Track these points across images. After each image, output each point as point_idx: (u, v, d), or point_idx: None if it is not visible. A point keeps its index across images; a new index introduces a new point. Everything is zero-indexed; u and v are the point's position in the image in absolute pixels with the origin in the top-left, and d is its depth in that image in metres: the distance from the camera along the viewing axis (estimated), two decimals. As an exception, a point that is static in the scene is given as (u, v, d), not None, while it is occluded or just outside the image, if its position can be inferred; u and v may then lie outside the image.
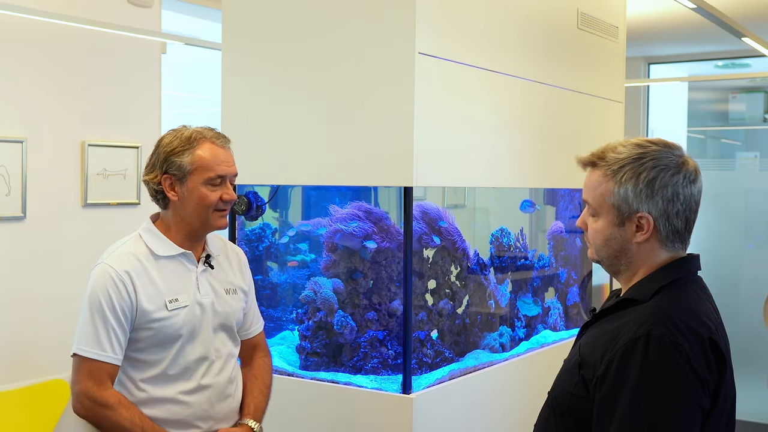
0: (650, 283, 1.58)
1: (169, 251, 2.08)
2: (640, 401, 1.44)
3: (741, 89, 6.98)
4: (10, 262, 3.59)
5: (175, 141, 2.07)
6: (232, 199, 2.11)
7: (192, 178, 2.05)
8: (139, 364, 2.06)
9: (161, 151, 2.08)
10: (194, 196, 2.06)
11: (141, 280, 2.03)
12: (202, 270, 2.13)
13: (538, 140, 3.16)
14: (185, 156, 2.05)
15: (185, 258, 2.11)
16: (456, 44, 2.64)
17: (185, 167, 2.05)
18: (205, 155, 2.06)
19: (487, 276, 3.13)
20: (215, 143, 2.09)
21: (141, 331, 2.03)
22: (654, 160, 1.55)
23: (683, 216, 1.57)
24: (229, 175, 2.10)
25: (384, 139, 2.49)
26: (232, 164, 2.12)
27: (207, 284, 2.13)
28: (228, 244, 2.30)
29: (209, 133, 2.11)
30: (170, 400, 2.06)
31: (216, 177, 2.06)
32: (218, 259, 2.20)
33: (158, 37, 4.09)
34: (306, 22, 2.64)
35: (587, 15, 3.44)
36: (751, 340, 5.52)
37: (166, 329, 2.03)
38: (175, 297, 2.05)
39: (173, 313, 2.04)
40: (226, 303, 2.16)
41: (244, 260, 2.31)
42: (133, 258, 2.05)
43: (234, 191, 2.13)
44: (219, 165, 2.07)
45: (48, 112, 3.74)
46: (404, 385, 2.51)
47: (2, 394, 3.50)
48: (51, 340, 3.66)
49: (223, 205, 2.09)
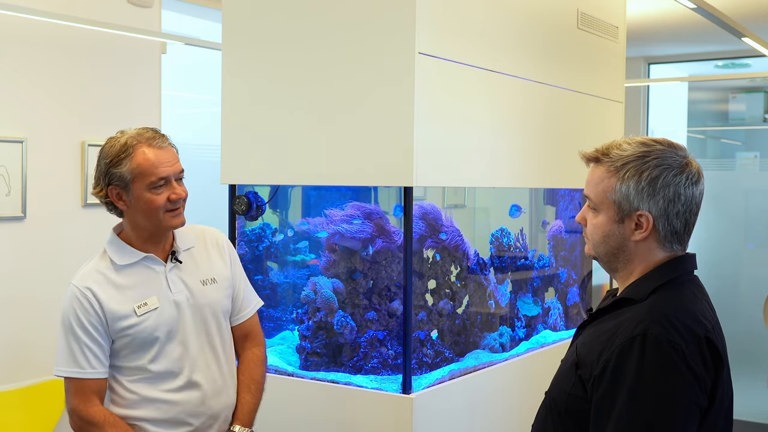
0: (646, 282, 1.58)
1: (130, 258, 2.09)
2: (637, 400, 1.44)
3: (741, 89, 6.97)
4: (10, 262, 3.59)
5: (111, 151, 2.05)
6: (179, 197, 2.07)
7: (135, 186, 2.04)
8: (124, 370, 2.09)
9: (101, 164, 2.07)
10: (141, 202, 2.05)
11: (106, 292, 2.05)
12: (171, 267, 2.13)
13: (538, 140, 3.16)
14: (123, 165, 2.03)
15: (149, 261, 2.11)
16: (456, 44, 2.64)
17: (126, 176, 2.03)
18: (142, 161, 2.03)
19: (487, 276, 3.13)
20: (152, 145, 2.05)
21: (118, 341, 2.07)
22: (658, 159, 1.55)
23: (683, 217, 1.57)
24: (172, 174, 2.06)
25: (384, 139, 2.49)
26: (175, 162, 2.08)
27: (179, 281, 2.13)
28: (205, 231, 2.27)
29: (145, 135, 2.06)
30: (159, 400, 2.08)
31: (158, 180, 2.04)
32: (191, 252, 2.18)
33: (158, 37, 4.09)
34: (306, 22, 2.64)
35: (587, 15, 3.44)
36: (751, 340, 5.52)
37: (140, 334, 2.05)
38: (144, 301, 2.06)
39: (143, 317, 2.05)
40: (204, 295, 2.15)
41: (224, 244, 2.28)
42: (96, 273, 2.08)
43: (184, 187, 2.10)
44: (158, 168, 2.03)
45: (48, 112, 3.74)
46: (404, 385, 2.51)
47: (2, 394, 3.50)
48: (51, 340, 3.64)
49: (172, 205, 2.07)
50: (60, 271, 3.74)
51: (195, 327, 2.12)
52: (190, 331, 2.11)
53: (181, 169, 2.10)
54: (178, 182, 2.09)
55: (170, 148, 2.09)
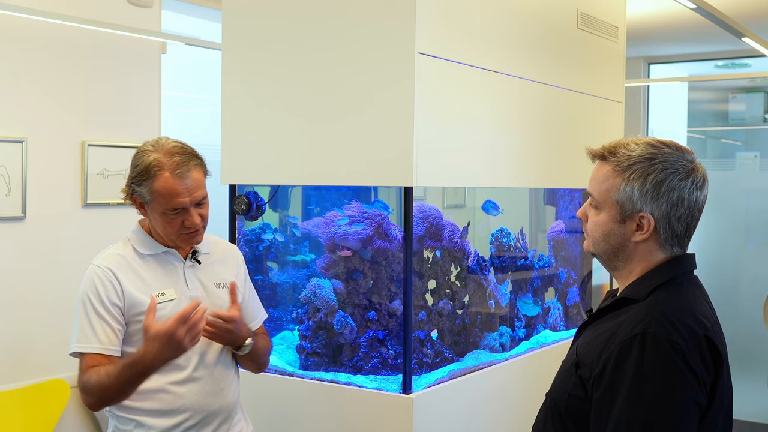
0: (646, 281, 1.58)
1: (153, 249, 2.15)
2: (637, 400, 1.44)
3: (741, 89, 6.98)
4: (10, 262, 3.59)
5: (138, 167, 2.08)
6: (194, 225, 2.10)
7: (153, 206, 2.08)
8: None
9: (130, 173, 2.12)
10: (158, 221, 2.11)
11: (126, 276, 2.09)
12: (189, 265, 2.18)
13: (538, 140, 3.16)
14: (144, 186, 2.07)
15: (170, 255, 2.17)
16: (456, 44, 2.64)
17: (146, 195, 2.08)
18: (161, 189, 2.05)
19: (487, 276, 3.13)
20: (173, 175, 2.05)
21: (132, 325, 2.09)
22: (664, 162, 1.55)
23: (685, 221, 1.57)
24: (189, 204, 2.07)
25: (384, 139, 2.49)
26: (196, 190, 2.08)
27: (195, 279, 2.19)
28: (221, 242, 2.34)
29: (173, 160, 2.06)
30: (162, 390, 2.10)
31: (173, 209, 2.06)
32: (208, 256, 2.24)
33: (158, 37, 4.09)
34: (306, 22, 2.64)
35: (587, 15, 3.44)
36: (751, 340, 5.52)
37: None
38: (162, 291, 2.11)
39: (160, 306, 2.08)
40: (218, 296, 2.21)
41: (238, 257, 2.35)
42: (118, 257, 2.13)
43: (204, 209, 2.12)
44: (174, 198, 2.05)
45: (48, 112, 3.74)
46: (404, 385, 2.51)
47: (2, 394, 3.50)
48: (51, 340, 3.66)
49: (187, 230, 2.10)
50: (60, 271, 3.74)
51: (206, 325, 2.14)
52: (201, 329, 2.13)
53: (202, 197, 2.11)
54: (199, 206, 2.11)
55: (194, 175, 2.09)
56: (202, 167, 2.13)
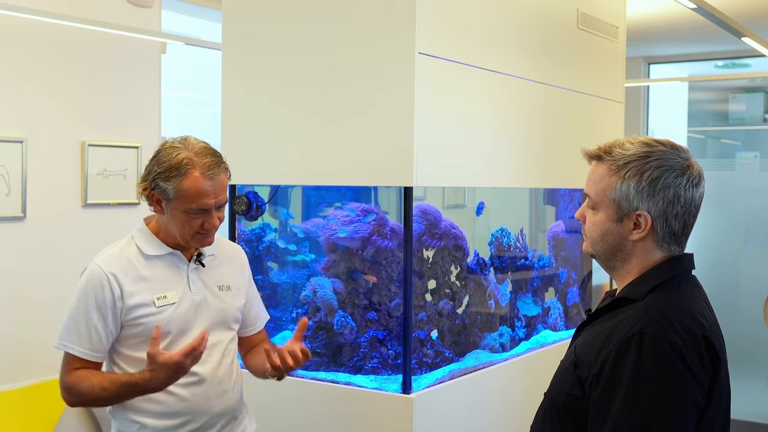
0: (644, 281, 1.58)
1: (158, 251, 2.13)
2: (635, 399, 1.44)
3: (741, 89, 6.98)
4: (10, 262, 3.59)
5: (167, 163, 2.05)
6: (213, 227, 2.10)
7: (175, 203, 2.06)
8: (132, 361, 2.10)
9: (153, 168, 2.08)
10: (176, 219, 2.08)
11: (129, 279, 2.07)
12: (193, 268, 2.17)
13: (538, 140, 3.16)
14: (171, 183, 2.04)
15: (174, 256, 2.15)
16: (456, 44, 2.64)
17: (170, 192, 2.05)
18: (189, 188, 2.03)
19: (487, 276, 3.13)
20: (204, 175, 2.04)
21: (129, 328, 2.08)
22: (659, 159, 1.56)
23: (682, 219, 1.57)
24: (213, 206, 2.08)
25: (384, 139, 2.49)
26: (220, 193, 2.09)
27: (199, 281, 2.17)
28: (226, 243, 2.33)
29: (204, 161, 2.06)
30: (166, 393, 2.08)
31: (198, 209, 2.06)
32: (213, 258, 2.23)
33: (158, 37, 4.10)
34: (306, 22, 2.64)
35: (587, 15, 3.44)
36: (751, 340, 5.52)
37: (153, 324, 2.05)
38: (164, 294, 2.10)
39: (160, 309, 2.08)
40: (221, 299, 2.20)
41: (243, 260, 2.34)
42: (122, 258, 2.10)
43: (222, 213, 2.13)
44: (201, 199, 2.04)
45: (48, 112, 3.74)
46: (404, 385, 2.51)
47: (2, 394, 3.50)
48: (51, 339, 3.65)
49: (204, 230, 2.10)
50: (60, 271, 3.74)
51: (209, 328, 2.14)
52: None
53: (224, 200, 2.11)
54: (218, 209, 2.11)
55: (222, 178, 2.09)
56: (227, 171, 2.13)
